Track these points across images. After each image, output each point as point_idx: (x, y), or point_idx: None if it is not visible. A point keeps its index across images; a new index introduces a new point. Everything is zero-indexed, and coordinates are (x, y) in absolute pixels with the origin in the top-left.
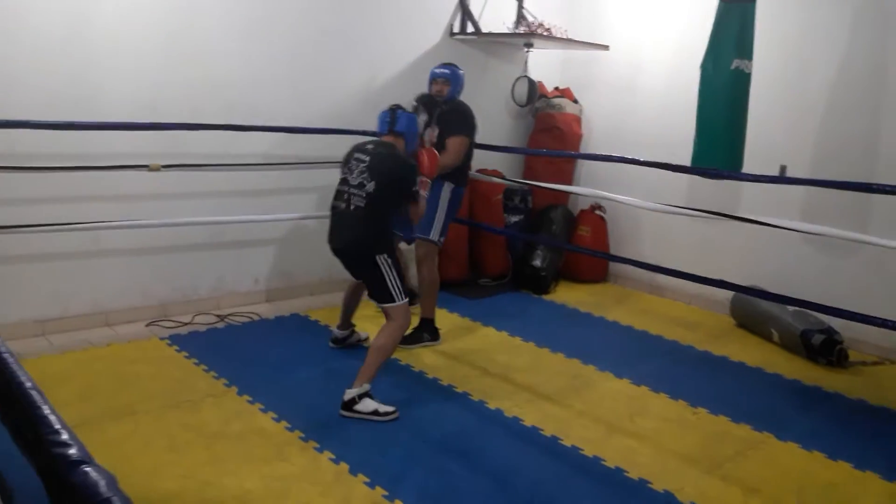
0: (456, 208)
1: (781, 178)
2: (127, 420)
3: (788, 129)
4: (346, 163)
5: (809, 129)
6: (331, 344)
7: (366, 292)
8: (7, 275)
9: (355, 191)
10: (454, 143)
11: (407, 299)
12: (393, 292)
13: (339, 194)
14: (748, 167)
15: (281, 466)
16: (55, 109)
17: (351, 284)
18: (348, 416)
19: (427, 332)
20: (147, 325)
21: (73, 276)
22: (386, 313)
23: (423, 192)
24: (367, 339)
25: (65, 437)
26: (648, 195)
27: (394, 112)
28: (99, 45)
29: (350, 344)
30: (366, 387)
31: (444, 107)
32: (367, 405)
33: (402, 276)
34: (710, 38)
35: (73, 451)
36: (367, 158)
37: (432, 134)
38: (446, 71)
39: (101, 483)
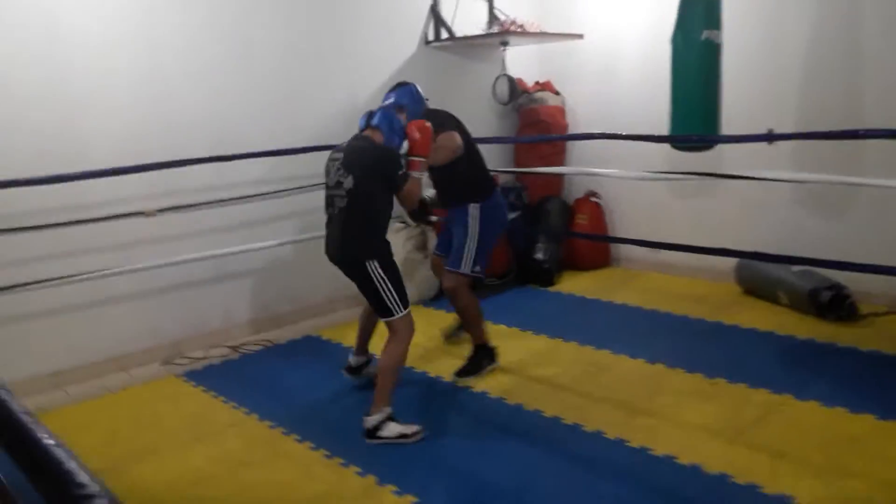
0: (495, 224)
1: (769, 136)
2: (152, 459)
3: (768, 96)
4: (326, 170)
5: (789, 93)
6: (344, 373)
7: None
8: (16, 333)
9: (335, 191)
10: (441, 140)
11: (408, 308)
12: (389, 304)
13: (326, 202)
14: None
15: (310, 486)
16: (41, 165)
17: (366, 305)
18: (376, 443)
19: (485, 357)
20: (162, 365)
21: (83, 327)
22: (388, 326)
23: (417, 174)
24: None
25: (93, 489)
26: (636, 170)
27: (371, 112)
28: (79, 97)
29: (366, 374)
30: (386, 411)
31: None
32: (392, 429)
33: (400, 284)
34: (679, 12)
35: (100, 501)
36: (341, 155)
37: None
38: (390, 99)
39: None
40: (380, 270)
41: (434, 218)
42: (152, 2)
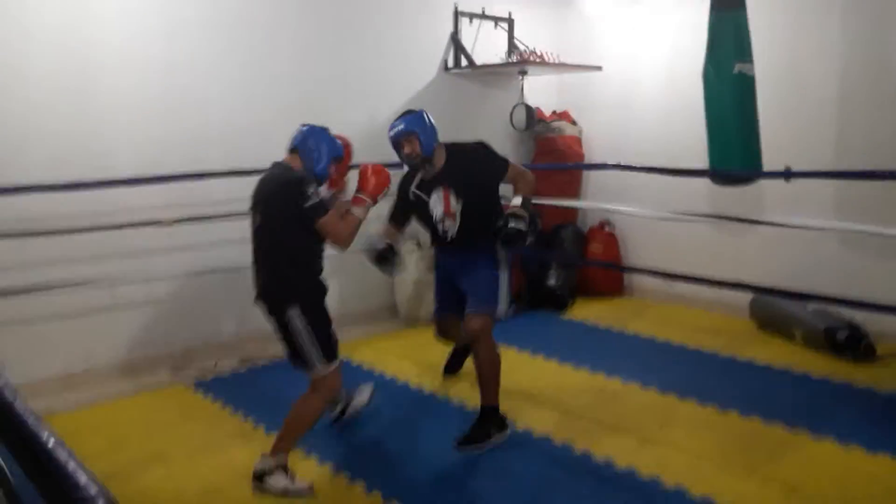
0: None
1: (786, 173)
2: (158, 467)
3: (795, 131)
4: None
5: (817, 128)
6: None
7: None
8: (29, 335)
9: (253, 229)
10: (515, 172)
11: (334, 362)
12: (310, 356)
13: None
14: None
15: (314, 501)
16: (62, 172)
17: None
18: (258, 489)
19: (494, 424)
20: (172, 373)
21: (95, 331)
22: (309, 380)
23: (357, 210)
24: (370, 399)
25: (92, 491)
26: (655, 206)
27: (299, 129)
28: (102, 106)
29: (350, 417)
30: (282, 458)
31: (445, 165)
32: (278, 482)
33: (326, 333)
34: (708, 45)
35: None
36: (255, 190)
37: (448, 203)
38: (401, 126)
39: None
40: (300, 318)
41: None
42: (177, 22)
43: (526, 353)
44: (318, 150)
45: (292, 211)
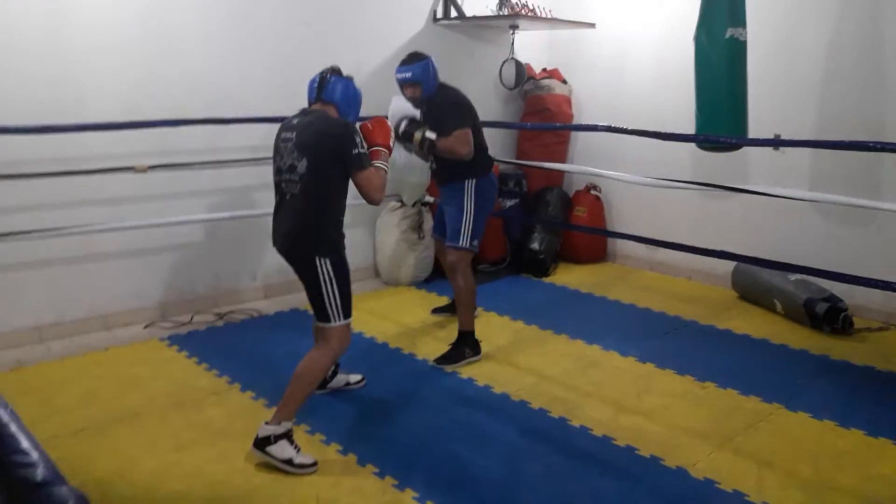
0: (487, 201)
1: (775, 142)
2: (131, 422)
3: (783, 98)
4: (275, 147)
5: (805, 97)
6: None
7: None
8: (1, 283)
9: (288, 176)
10: (456, 139)
11: (349, 319)
12: (329, 310)
13: (275, 187)
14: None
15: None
16: (36, 114)
17: None
18: (258, 456)
19: (468, 346)
20: (145, 327)
21: (68, 282)
22: (321, 332)
23: (380, 163)
24: (359, 382)
25: (33, 457)
26: (642, 171)
27: (324, 77)
28: (78, 47)
29: (332, 388)
30: (286, 426)
31: (426, 107)
32: (283, 450)
33: (347, 289)
34: (701, 9)
35: (38, 471)
36: (293, 134)
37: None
38: (407, 74)
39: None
40: (329, 270)
41: (430, 199)
42: None
43: (506, 317)
44: (354, 104)
45: (340, 159)
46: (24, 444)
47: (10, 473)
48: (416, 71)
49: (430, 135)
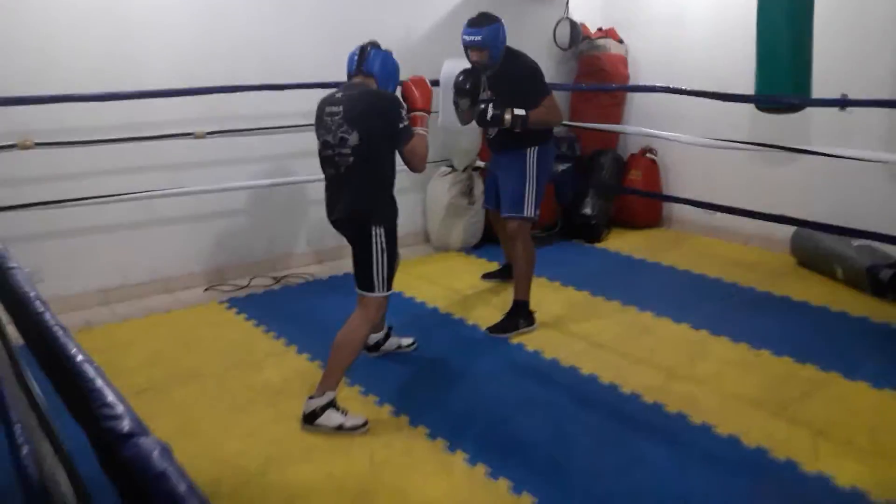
0: (547, 170)
1: (842, 101)
2: (192, 383)
3: (851, 53)
4: (320, 122)
5: (875, 51)
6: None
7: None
8: (67, 248)
9: (339, 150)
10: (548, 110)
11: (388, 292)
12: (376, 279)
13: (324, 161)
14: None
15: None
16: (97, 83)
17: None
18: (310, 430)
19: (522, 316)
20: (205, 290)
21: (131, 246)
22: (360, 300)
23: (422, 130)
24: (411, 345)
25: (118, 409)
26: (701, 132)
27: (364, 49)
28: (135, 16)
29: (385, 351)
30: (330, 395)
31: (497, 73)
32: (331, 419)
33: (393, 262)
34: None
35: (125, 423)
36: (340, 108)
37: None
38: (477, 38)
39: (154, 454)
40: (383, 241)
41: (481, 164)
42: None
43: (557, 283)
44: (393, 76)
45: (388, 131)
46: (111, 397)
47: (99, 425)
48: (487, 35)
49: (519, 112)
